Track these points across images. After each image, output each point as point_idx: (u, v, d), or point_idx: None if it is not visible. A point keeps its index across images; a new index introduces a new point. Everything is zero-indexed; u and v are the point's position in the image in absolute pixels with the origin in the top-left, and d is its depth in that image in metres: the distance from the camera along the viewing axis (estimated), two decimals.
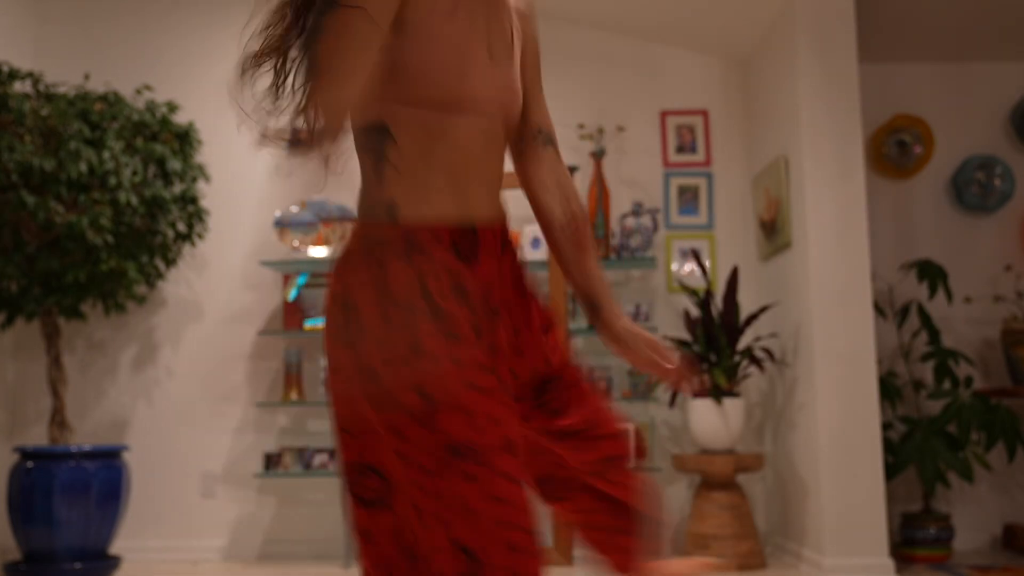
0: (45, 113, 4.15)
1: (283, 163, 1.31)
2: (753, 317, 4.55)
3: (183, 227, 4.62)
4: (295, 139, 1.36)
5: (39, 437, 4.90)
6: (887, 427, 4.72)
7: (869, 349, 4.18)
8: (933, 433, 4.48)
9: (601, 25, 5.18)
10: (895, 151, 5.18)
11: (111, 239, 4.21)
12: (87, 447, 4.13)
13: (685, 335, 5.02)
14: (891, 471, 4.52)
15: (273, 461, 4.78)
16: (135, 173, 4.32)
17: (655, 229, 4.95)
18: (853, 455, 4.12)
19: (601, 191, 4.90)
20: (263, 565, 4.73)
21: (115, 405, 5.00)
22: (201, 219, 4.65)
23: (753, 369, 4.94)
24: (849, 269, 4.24)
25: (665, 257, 5.12)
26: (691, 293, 4.64)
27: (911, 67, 5.28)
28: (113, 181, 4.21)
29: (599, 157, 4.93)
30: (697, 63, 5.26)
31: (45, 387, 4.92)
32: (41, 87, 4.41)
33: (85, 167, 4.13)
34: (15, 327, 4.98)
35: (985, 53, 5.19)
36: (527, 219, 5.06)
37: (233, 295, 5.07)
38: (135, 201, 4.25)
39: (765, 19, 4.77)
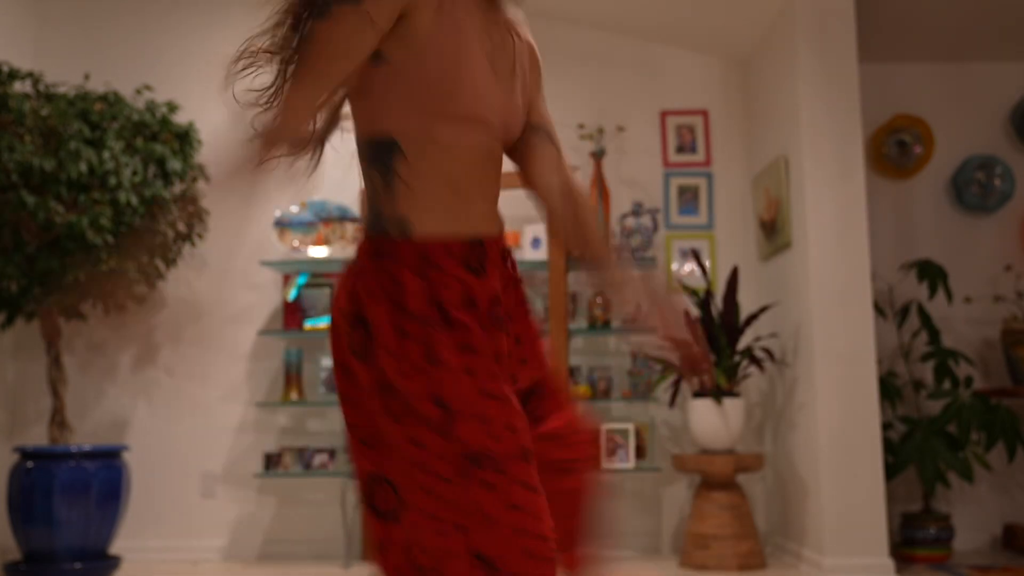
0: (45, 113, 4.15)
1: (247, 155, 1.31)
2: (753, 317, 4.55)
3: (183, 227, 4.62)
4: (258, 133, 1.40)
5: (39, 437, 4.90)
6: (887, 427, 4.72)
7: (869, 349, 4.18)
8: (933, 433, 4.48)
9: (601, 25, 5.18)
10: (895, 151, 5.18)
11: (111, 239, 4.21)
12: (87, 447, 4.13)
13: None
14: (891, 471, 4.52)
15: (273, 461, 4.78)
16: (135, 173, 4.32)
17: (655, 229, 4.95)
18: (853, 455, 4.12)
19: (601, 191, 4.90)
20: (263, 565, 4.73)
21: (115, 405, 5.00)
22: (201, 219, 4.65)
23: (753, 369, 4.94)
24: (849, 269, 4.24)
25: (665, 257, 5.12)
26: (691, 293, 4.64)
27: (911, 67, 5.28)
28: (113, 181, 4.21)
29: (599, 157, 4.93)
30: (697, 63, 5.26)
31: (45, 387, 4.92)
32: (41, 87, 4.41)
33: (85, 167, 4.13)
34: (15, 327, 4.98)
35: (985, 53, 5.19)
36: (527, 219, 5.06)
37: (233, 295, 5.07)
38: (135, 201, 4.25)
39: (765, 19, 4.77)
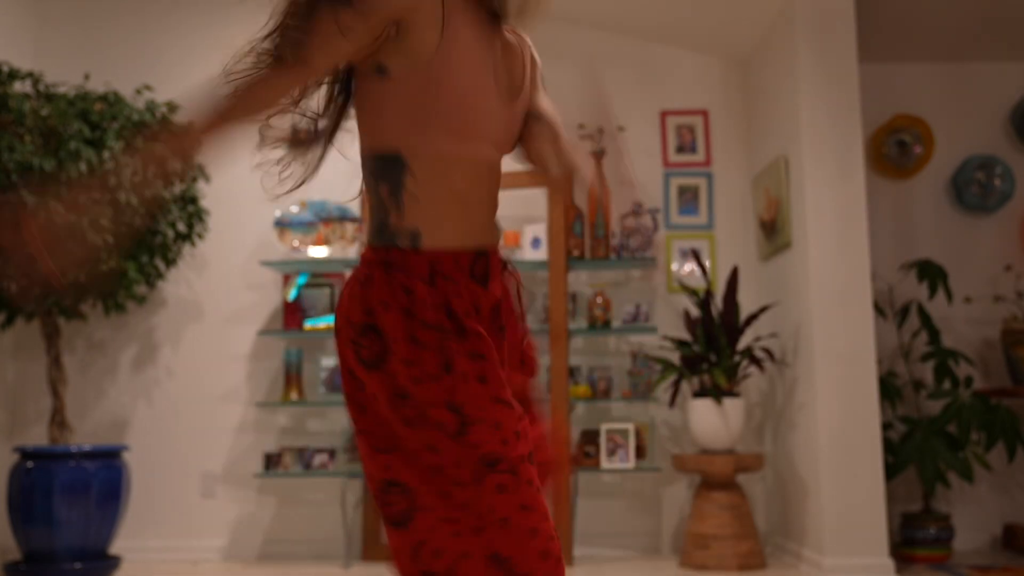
0: (45, 113, 4.15)
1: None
2: (753, 317, 4.55)
3: (183, 227, 4.62)
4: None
5: (39, 437, 4.90)
6: (887, 427, 4.72)
7: (869, 349, 4.18)
8: (933, 433, 4.48)
9: (601, 25, 5.17)
10: (895, 151, 5.18)
11: (111, 239, 4.22)
12: (87, 447, 4.13)
13: (685, 335, 5.02)
14: (891, 471, 4.52)
15: (273, 461, 4.78)
16: (135, 173, 4.31)
17: (655, 229, 4.95)
18: (853, 455, 4.12)
19: (601, 191, 4.90)
20: (263, 565, 4.73)
21: (115, 405, 5.00)
22: (201, 219, 4.65)
23: (753, 369, 4.94)
24: (849, 269, 4.24)
25: (665, 257, 5.12)
26: (691, 293, 4.64)
27: (911, 67, 5.28)
28: (113, 181, 4.20)
29: (599, 157, 4.93)
30: (697, 63, 5.26)
31: (45, 387, 4.92)
32: (41, 87, 4.41)
33: (85, 167, 4.13)
34: (15, 327, 4.98)
35: (985, 53, 5.19)
36: (527, 219, 5.06)
37: (233, 295, 5.07)
38: (135, 201, 4.25)
39: (765, 19, 4.77)
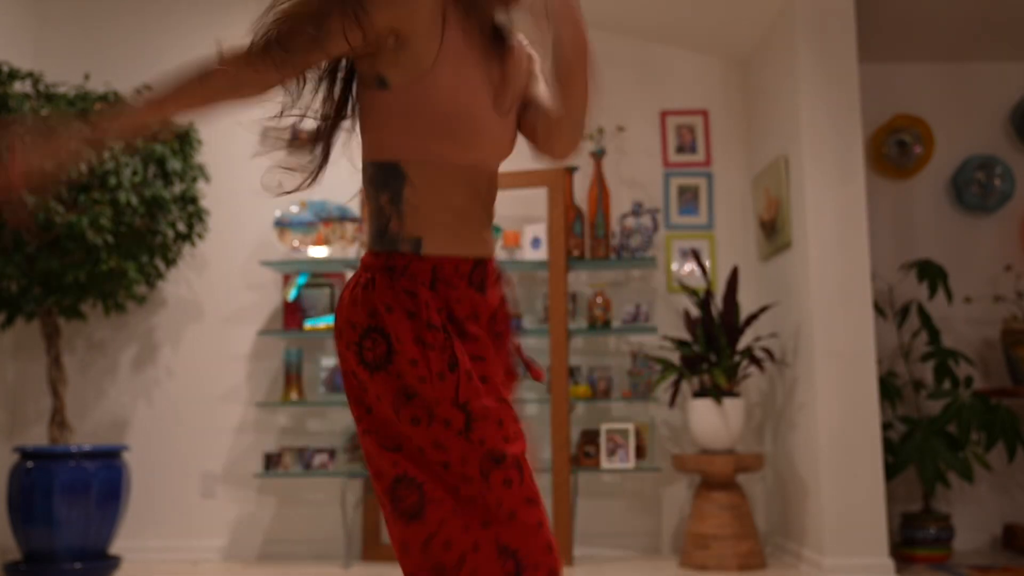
0: (45, 113, 4.15)
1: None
2: (753, 317, 4.55)
3: (183, 227, 4.62)
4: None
5: (39, 437, 4.90)
6: (887, 427, 4.72)
7: (869, 349, 4.18)
8: (933, 433, 4.48)
9: (601, 25, 5.17)
10: (895, 151, 5.18)
11: (111, 239, 4.22)
12: (87, 447, 4.13)
13: (685, 335, 5.02)
14: (891, 471, 4.52)
15: (273, 461, 4.78)
16: (135, 173, 4.32)
17: (655, 229, 4.95)
18: (853, 455, 4.12)
19: (601, 191, 4.90)
20: (263, 565, 4.73)
21: (115, 405, 5.00)
22: (201, 219, 4.65)
23: (753, 369, 4.94)
24: (849, 269, 4.24)
25: (665, 257, 5.12)
26: (691, 293, 4.64)
27: (911, 67, 5.28)
28: (113, 181, 4.21)
29: (599, 157, 4.93)
30: (697, 63, 5.26)
31: (45, 387, 4.92)
32: (41, 87, 4.41)
33: (85, 167, 4.13)
34: (15, 327, 4.98)
35: (985, 53, 5.19)
36: (527, 219, 5.06)
37: (233, 295, 5.07)
38: (135, 201, 4.25)
39: (765, 19, 4.77)
